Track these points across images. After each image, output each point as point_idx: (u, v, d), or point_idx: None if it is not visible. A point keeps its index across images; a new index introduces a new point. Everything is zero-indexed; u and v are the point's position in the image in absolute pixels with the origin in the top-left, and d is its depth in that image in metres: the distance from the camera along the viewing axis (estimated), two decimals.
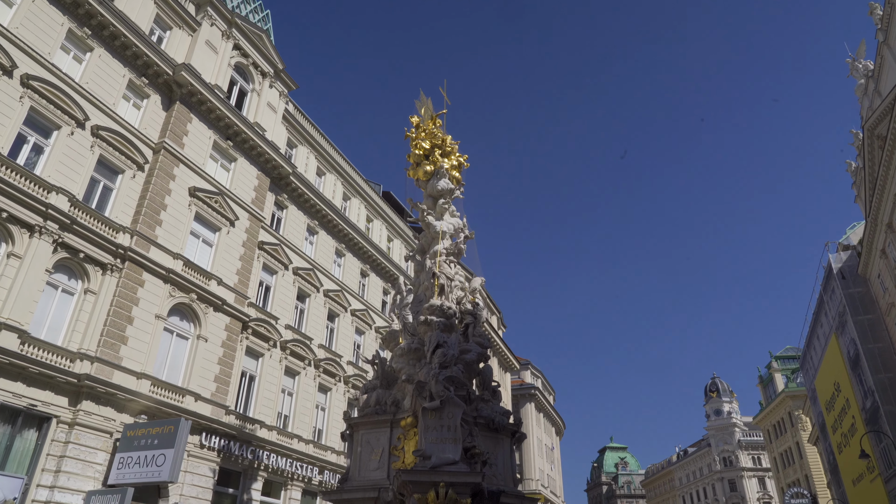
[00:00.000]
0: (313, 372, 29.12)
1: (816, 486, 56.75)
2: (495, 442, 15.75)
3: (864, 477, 37.26)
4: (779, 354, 68.38)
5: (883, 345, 33.33)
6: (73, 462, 18.08)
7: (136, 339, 20.71)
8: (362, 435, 15.93)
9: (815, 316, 43.99)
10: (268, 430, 25.41)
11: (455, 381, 14.27)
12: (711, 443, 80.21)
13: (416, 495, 12.74)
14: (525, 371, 60.87)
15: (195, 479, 21.55)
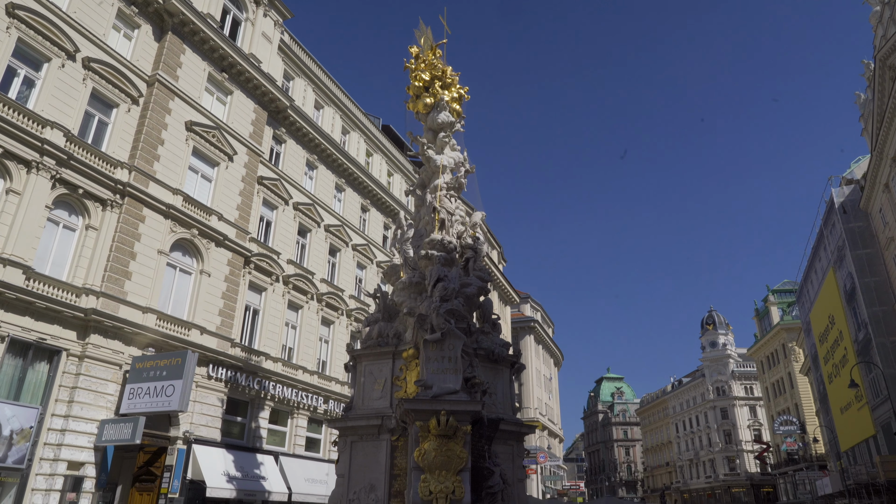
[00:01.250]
0: (316, 306, 29.56)
1: (805, 414, 58.65)
2: (495, 372, 16.18)
3: (852, 405, 38.46)
4: (776, 288, 69.18)
5: (879, 279, 33.68)
6: (85, 393, 18.64)
7: (139, 274, 20.92)
8: (365, 366, 16.36)
9: (813, 250, 44.24)
10: (273, 362, 26.06)
11: (456, 314, 14.51)
12: (705, 373, 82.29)
13: (418, 423, 13.19)
14: (525, 304, 61.78)
15: (204, 409, 22.28)
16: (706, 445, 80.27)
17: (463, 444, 13.05)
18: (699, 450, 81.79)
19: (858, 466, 37.33)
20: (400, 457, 14.51)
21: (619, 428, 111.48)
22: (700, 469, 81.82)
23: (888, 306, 32.86)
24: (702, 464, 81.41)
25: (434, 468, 12.85)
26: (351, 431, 15.56)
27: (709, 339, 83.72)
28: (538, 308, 65.77)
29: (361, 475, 14.99)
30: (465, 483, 12.84)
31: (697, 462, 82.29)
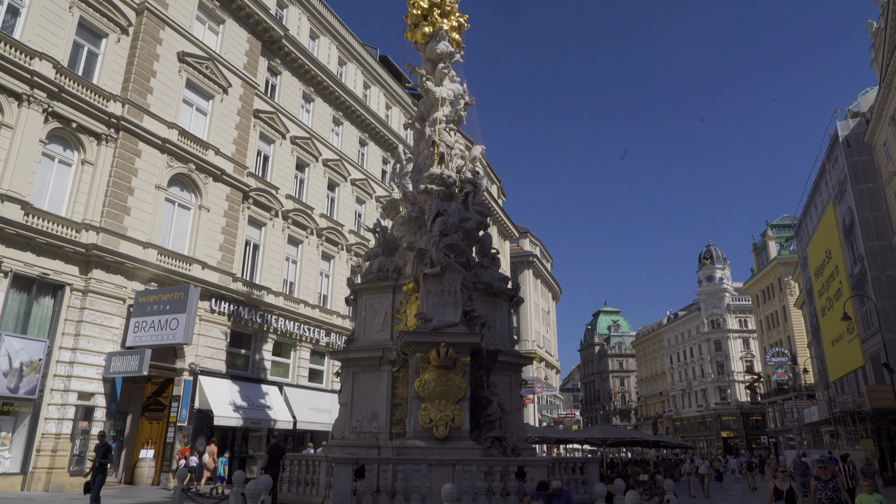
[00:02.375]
0: (316, 241, 29.66)
1: (797, 347, 59.94)
2: (494, 306, 16.43)
3: (844, 338, 39.23)
4: (775, 223, 69.23)
5: (878, 213, 33.64)
6: (91, 326, 18.97)
7: (138, 209, 20.87)
8: (366, 300, 16.59)
9: (815, 185, 44.00)
10: (274, 296, 26.39)
11: (455, 248, 14.60)
12: (701, 307, 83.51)
13: (418, 354, 13.52)
14: (524, 239, 61.98)
15: (209, 342, 22.73)
16: (699, 376, 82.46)
17: (462, 375, 13.42)
18: (692, 380, 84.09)
19: (845, 396, 38.45)
20: (401, 387, 14.93)
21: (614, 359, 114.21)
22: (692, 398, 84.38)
23: (885, 240, 32.99)
24: (694, 393, 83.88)
25: (434, 397, 13.26)
26: (353, 363, 15.96)
27: (706, 274, 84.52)
28: (537, 243, 66.04)
29: (364, 404, 15.47)
30: (464, 411, 13.28)
31: (690, 392, 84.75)
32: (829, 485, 9.57)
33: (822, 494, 9.54)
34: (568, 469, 14.06)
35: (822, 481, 9.68)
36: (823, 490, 9.57)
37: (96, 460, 12.46)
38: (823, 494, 9.53)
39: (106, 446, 12.72)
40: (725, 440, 75.35)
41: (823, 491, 9.56)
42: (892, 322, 31.60)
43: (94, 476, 12.35)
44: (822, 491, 9.57)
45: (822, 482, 9.67)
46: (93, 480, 12.30)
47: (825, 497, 9.51)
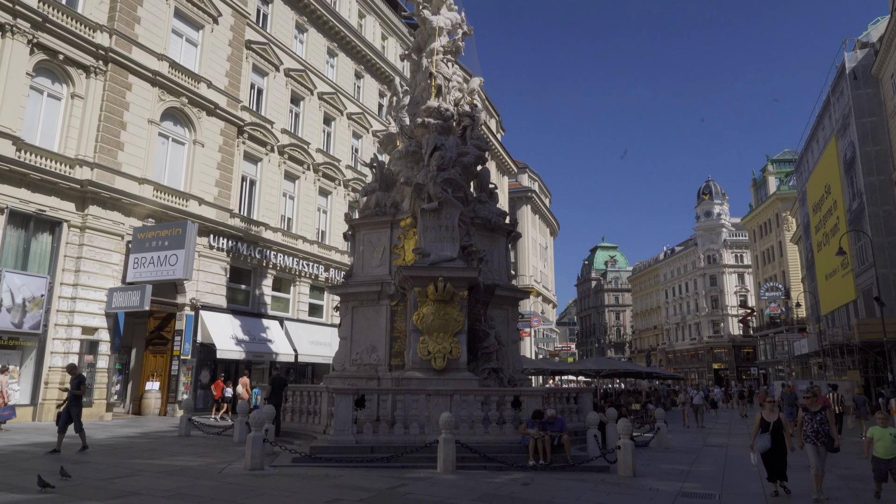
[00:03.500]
0: (312, 176, 29.43)
1: (791, 281, 60.64)
2: (491, 241, 16.49)
3: (837, 272, 39.63)
4: (776, 157, 68.62)
5: (881, 148, 33.32)
6: (91, 263, 19.05)
7: (131, 144, 20.57)
8: (364, 235, 16.62)
9: (818, 118, 43.35)
10: (273, 232, 26.42)
11: (453, 183, 14.51)
12: (698, 242, 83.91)
13: (416, 289, 13.66)
14: (522, 174, 61.51)
15: (208, 277, 22.91)
16: (693, 310, 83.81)
17: (460, 309, 13.61)
18: (686, 314, 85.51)
19: (836, 329, 39.23)
20: (399, 320, 15.17)
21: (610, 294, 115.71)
22: (685, 332, 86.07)
23: (886, 175, 32.82)
24: (688, 327, 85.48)
25: (432, 331, 13.49)
26: (352, 297, 16.15)
27: (704, 209, 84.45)
28: (536, 178, 65.58)
29: (363, 337, 15.76)
30: (461, 344, 13.55)
31: (684, 325, 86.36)
32: (816, 417, 8.93)
33: (809, 426, 8.93)
34: (562, 399, 14.49)
35: (809, 412, 9.05)
36: (810, 422, 8.94)
37: (70, 392, 11.78)
38: (810, 427, 8.92)
39: (79, 377, 12.08)
40: (716, 372, 77.38)
41: (810, 423, 8.94)
42: (886, 257, 31.87)
43: (67, 407, 11.69)
44: (808, 423, 8.96)
45: (809, 413, 9.04)
46: (66, 412, 11.66)
47: (811, 429, 8.89)
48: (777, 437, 9.04)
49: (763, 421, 9.18)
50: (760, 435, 9.13)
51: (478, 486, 9.21)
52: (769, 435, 9.05)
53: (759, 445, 9.07)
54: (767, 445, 9.00)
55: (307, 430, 13.95)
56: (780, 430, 9.05)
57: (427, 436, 11.52)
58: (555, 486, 9.32)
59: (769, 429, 9.07)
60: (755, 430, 9.23)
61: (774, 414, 9.22)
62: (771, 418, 9.16)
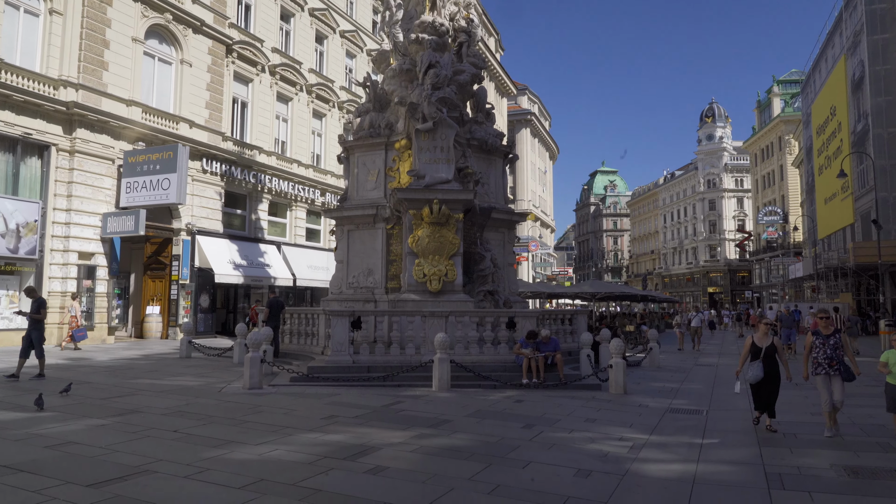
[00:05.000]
0: (306, 97, 28.65)
1: (790, 206, 60.48)
2: (488, 163, 16.20)
3: (837, 196, 39.42)
4: (782, 78, 66.85)
5: (890, 67, 32.32)
6: (83, 187, 18.81)
7: (116, 64, 19.86)
8: (358, 157, 16.30)
9: (828, 36, 41.86)
10: (267, 156, 25.99)
11: (448, 103, 14.09)
12: (699, 166, 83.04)
13: (411, 211, 13.52)
14: (522, 96, 60.02)
15: (203, 202, 22.71)
16: (690, 235, 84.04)
17: (455, 231, 13.53)
18: (683, 239, 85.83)
19: (831, 252, 39.44)
20: (395, 243, 15.12)
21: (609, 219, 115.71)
22: (682, 256, 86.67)
23: (893, 96, 32.00)
24: (685, 251, 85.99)
25: (427, 253, 13.47)
26: (347, 221, 16.03)
27: (706, 132, 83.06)
28: (535, 100, 64.04)
29: (359, 261, 15.75)
30: (457, 266, 13.56)
31: (681, 250, 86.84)
32: (829, 341, 7.52)
33: (820, 353, 7.53)
34: (557, 320, 14.66)
35: (821, 336, 7.63)
36: (822, 348, 7.53)
37: (30, 316, 10.94)
38: (821, 353, 7.52)
39: (39, 300, 11.18)
40: (711, 295, 78.49)
41: (822, 349, 7.53)
42: (887, 180, 31.58)
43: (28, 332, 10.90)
44: (820, 349, 7.55)
45: (821, 338, 7.62)
46: (27, 337, 10.87)
47: (823, 356, 7.50)
48: (770, 365, 7.85)
49: (754, 346, 7.97)
50: (750, 363, 7.93)
51: (471, 403, 9.42)
52: (760, 363, 7.82)
53: (750, 375, 7.85)
54: (759, 375, 7.78)
55: (305, 351, 14.20)
56: (774, 357, 7.90)
57: (423, 356, 11.71)
58: (546, 403, 9.54)
59: (761, 355, 7.86)
60: (744, 356, 8.06)
61: (768, 338, 8.00)
62: (763, 343, 7.93)
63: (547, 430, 7.60)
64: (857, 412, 8.92)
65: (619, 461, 6.15)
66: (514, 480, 5.41)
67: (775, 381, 7.85)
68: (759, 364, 7.82)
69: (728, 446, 6.96)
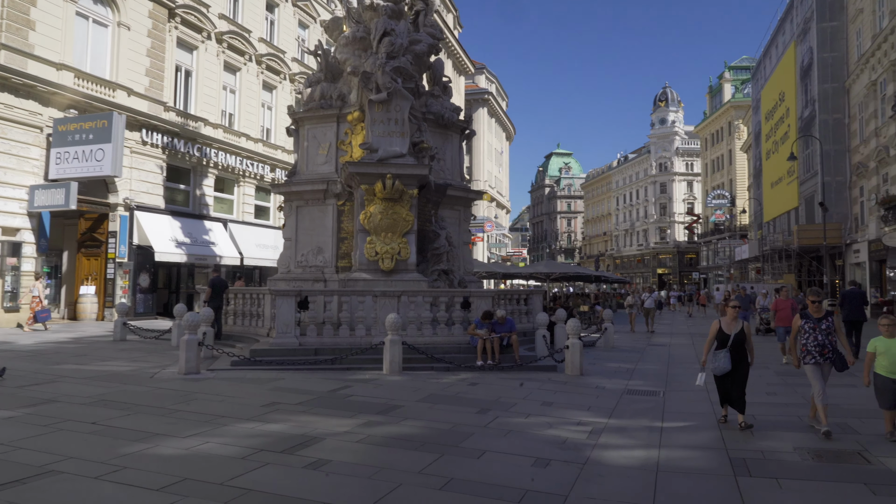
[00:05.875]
0: (255, 68, 27.36)
1: (737, 190, 62.02)
2: (444, 138, 15.64)
3: (783, 180, 40.48)
4: (733, 64, 68.12)
5: (838, 54, 33.07)
6: (6, 157, 17.39)
7: (45, 24, 18.34)
8: (308, 130, 15.51)
9: (780, 22, 42.63)
10: (213, 128, 24.73)
11: (403, 73, 13.43)
12: (651, 150, 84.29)
13: (363, 186, 12.89)
14: (479, 75, 59.39)
15: (143, 175, 21.43)
16: (642, 217, 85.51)
17: (409, 208, 12.98)
18: (635, 221, 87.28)
19: (776, 234, 40.58)
20: (346, 221, 14.47)
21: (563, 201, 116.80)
22: (634, 238, 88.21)
23: (839, 83, 32.81)
24: (636, 233, 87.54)
25: (380, 230, 12.89)
26: (296, 196, 15.27)
27: (659, 116, 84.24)
28: (493, 80, 63.49)
29: (309, 238, 15.05)
30: (410, 244, 13.03)
31: (632, 232, 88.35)
32: (821, 325, 6.65)
33: (810, 339, 6.68)
34: (512, 300, 14.34)
35: (811, 320, 6.75)
36: (812, 333, 6.68)
37: None
38: (811, 339, 6.66)
39: None
40: (660, 276, 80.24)
41: (812, 334, 6.67)
42: (831, 165, 32.44)
43: None
44: (810, 334, 6.69)
45: (811, 321, 6.73)
46: None
47: (814, 342, 6.62)
48: (739, 355, 6.86)
49: (721, 332, 6.95)
50: (716, 351, 6.91)
51: (424, 386, 8.99)
52: (728, 352, 6.81)
53: (716, 366, 6.85)
54: (727, 366, 6.77)
55: (251, 333, 13.50)
56: (744, 345, 6.91)
57: (374, 338, 11.20)
58: (502, 386, 9.19)
59: (728, 343, 6.84)
60: (709, 343, 7.04)
61: (738, 323, 7.00)
62: (732, 329, 6.93)
63: (503, 414, 7.22)
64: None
65: (579, 448, 5.82)
66: (469, 472, 5.00)
67: (744, 372, 6.88)
68: (726, 354, 6.82)
69: (689, 430, 6.73)
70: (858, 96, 30.62)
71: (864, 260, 29.21)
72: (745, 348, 6.93)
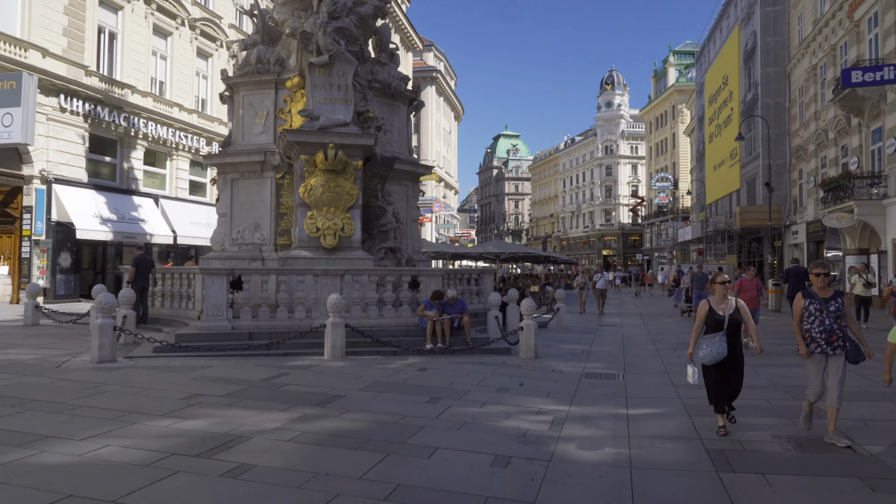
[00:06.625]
0: (189, 34, 25.53)
1: (680, 173, 63.27)
2: (391, 109, 14.76)
3: (725, 163, 41.25)
4: (678, 49, 69.08)
5: (780, 39, 33.65)
6: None
7: None
8: (244, 96, 14.36)
9: (724, 6, 43.15)
10: (141, 96, 22.94)
11: (346, 34, 12.44)
12: (598, 132, 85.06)
13: (303, 156, 11.90)
14: (428, 52, 58.14)
15: (62, 146, 19.64)
16: (588, 199, 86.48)
17: (353, 181, 12.09)
18: (581, 203, 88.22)
19: (719, 216, 41.44)
20: (286, 195, 13.47)
21: (511, 182, 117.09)
22: (580, 220, 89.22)
23: (781, 67, 33.43)
24: (582, 215, 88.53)
25: (321, 205, 11.96)
26: (231, 168, 14.14)
27: (605, 99, 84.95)
28: (441, 57, 62.32)
29: (245, 214, 13.98)
30: (355, 220, 12.16)
31: (578, 214, 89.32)
32: (828, 307, 5.33)
33: (815, 323, 5.33)
34: (463, 280, 13.70)
35: (816, 301, 5.39)
36: (818, 316, 5.33)
37: None
38: (817, 323, 5.32)
39: None
40: (605, 258, 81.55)
41: (818, 318, 5.33)
42: (772, 148, 33.12)
43: None
44: (815, 317, 5.34)
45: (816, 302, 5.39)
46: None
47: (819, 328, 5.29)
48: (735, 341, 5.63)
49: (712, 314, 5.68)
50: (707, 336, 5.63)
51: (368, 373, 8.23)
52: (724, 336, 5.53)
53: (709, 353, 5.53)
54: (723, 353, 5.50)
55: (180, 316, 12.41)
56: (739, 328, 5.69)
57: (314, 320, 10.33)
58: (453, 371, 8.53)
59: (724, 326, 5.58)
60: (697, 328, 5.77)
61: (729, 302, 5.73)
62: (725, 310, 5.67)
63: (455, 404, 6.56)
64: (771, 372, 8.59)
65: (542, 442, 5.20)
66: (419, 476, 4.29)
67: (741, 363, 5.67)
68: (722, 337, 5.54)
69: (656, 418, 6.22)
70: (799, 80, 31.25)
71: (803, 241, 30.02)
72: (740, 334, 5.72)
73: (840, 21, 25.34)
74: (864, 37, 23.46)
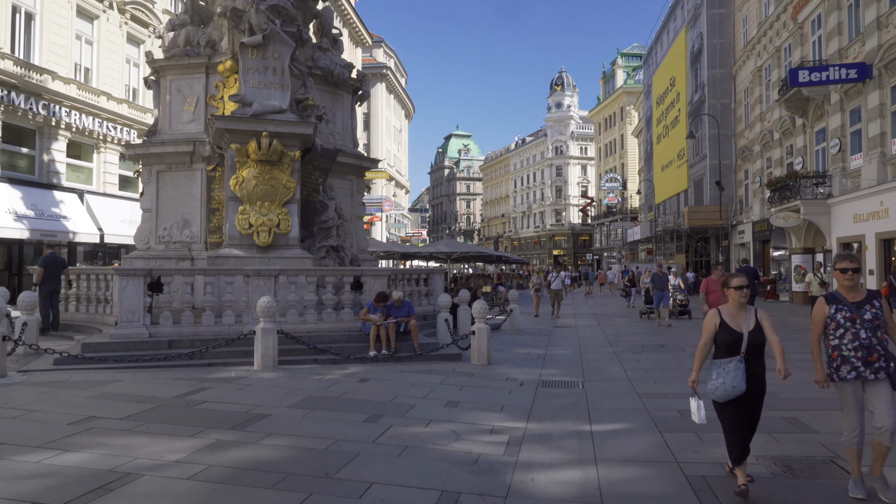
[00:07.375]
0: (118, 17, 23.81)
1: (629, 173, 64.08)
2: (334, 98, 13.80)
3: (673, 163, 41.75)
4: (625, 51, 70.02)
5: (726, 41, 34.11)
6: None
7: None
8: (171, 81, 13.13)
9: (671, 9, 43.68)
10: (63, 83, 21.15)
11: (282, 13, 11.43)
12: (548, 133, 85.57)
13: (234, 146, 10.83)
14: (378, 49, 56.97)
15: None
16: (539, 199, 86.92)
17: (290, 173, 11.10)
18: (532, 203, 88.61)
19: (667, 216, 41.89)
20: (218, 189, 12.34)
21: (462, 182, 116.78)
22: (531, 220, 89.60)
23: (727, 69, 33.90)
24: (533, 216, 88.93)
25: (255, 199, 10.93)
26: (156, 159, 12.91)
27: (555, 100, 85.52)
28: (392, 54, 61.23)
29: (172, 210, 12.80)
30: (292, 216, 11.16)
31: (529, 214, 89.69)
32: (862, 314, 3.94)
33: (846, 336, 3.94)
34: (411, 280, 12.88)
35: (845, 307, 4.00)
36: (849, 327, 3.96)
37: None
38: (848, 336, 3.94)
39: None
40: (556, 258, 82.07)
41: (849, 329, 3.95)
42: (718, 149, 33.53)
43: None
44: (845, 330, 3.96)
45: (845, 309, 4.00)
46: None
47: (852, 343, 3.91)
48: (756, 366, 4.10)
49: (726, 330, 4.15)
50: (719, 363, 4.11)
51: (302, 385, 7.31)
52: (741, 363, 4.02)
53: (720, 386, 4.03)
54: (740, 387, 4.00)
55: (98, 322, 11.14)
56: (762, 350, 4.13)
57: (245, 325, 9.32)
58: (398, 381, 7.69)
59: (740, 349, 4.06)
60: (702, 351, 4.25)
61: (748, 315, 4.16)
62: (743, 325, 4.12)
63: (398, 422, 5.73)
64: None
65: (496, 470, 4.43)
66: None
67: (762, 394, 4.16)
68: (738, 365, 4.02)
69: (623, 434, 5.54)
70: (744, 82, 31.70)
71: (749, 240, 30.43)
72: (762, 357, 4.13)
73: (784, 23, 25.68)
74: (807, 38, 23.79)
